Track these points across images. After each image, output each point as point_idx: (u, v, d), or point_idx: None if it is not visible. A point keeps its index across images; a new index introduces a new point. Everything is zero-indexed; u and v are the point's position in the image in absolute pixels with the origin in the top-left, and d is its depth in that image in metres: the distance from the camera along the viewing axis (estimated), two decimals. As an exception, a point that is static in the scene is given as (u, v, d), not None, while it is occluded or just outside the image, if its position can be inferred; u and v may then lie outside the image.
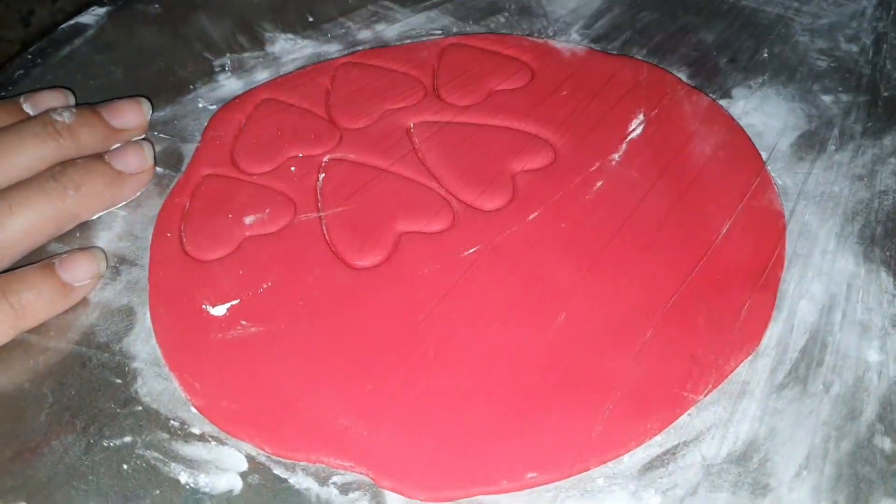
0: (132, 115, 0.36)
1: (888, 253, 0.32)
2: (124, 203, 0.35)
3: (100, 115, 0.35)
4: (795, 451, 0.26)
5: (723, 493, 0.25)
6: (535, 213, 0.33)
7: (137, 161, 0.34)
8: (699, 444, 0.27)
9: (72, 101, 0.37)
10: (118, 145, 0.35)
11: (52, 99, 0.36)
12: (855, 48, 0.41)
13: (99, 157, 0.34)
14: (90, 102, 0.36)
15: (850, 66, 0.40)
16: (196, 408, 0.28)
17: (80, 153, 0.34)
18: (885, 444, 0.26)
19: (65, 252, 0.32)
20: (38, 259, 0.32)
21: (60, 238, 0.33)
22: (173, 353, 0.29)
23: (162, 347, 0.29)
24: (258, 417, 0.27)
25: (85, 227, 0.34)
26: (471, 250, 0.32)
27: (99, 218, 0.34)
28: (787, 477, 0.26)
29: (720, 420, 0.27)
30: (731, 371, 0.28)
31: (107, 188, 0.33)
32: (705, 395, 0.28)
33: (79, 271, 0.31)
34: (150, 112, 0.37)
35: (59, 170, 0.32)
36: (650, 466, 0.26)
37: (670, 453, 0.26)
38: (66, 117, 0.33)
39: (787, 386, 0.28)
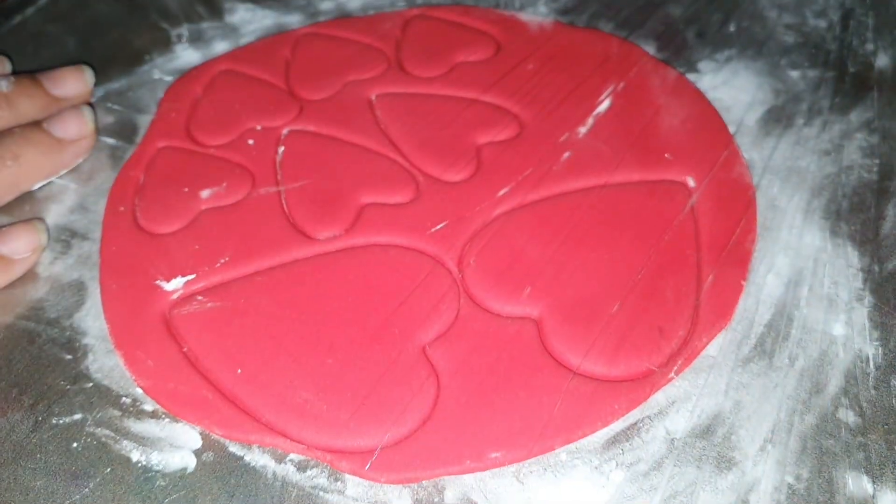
0: (73, 82, 0.35)
1: (854, 227, 0.32)
2: (68, 171, 0.34)
3: (39, 84, 0.34)
4: (760, 425, 0.26)
5: (687, 468, 0.25)
6: (504, 190, 0.32)
7: (77, 127, 0.33)
8: (664, 419, 0.26)
9: (9, 68, 0.36)
10: (57, 112, 0.34)
11: None
12: (823, 23, 0.41)
13: (37, 125, 0.33)
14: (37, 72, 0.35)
15: (817, 41, 0.40)
16: (142, 388, 0.27)
17: (19, 122, 0.33)
18: (849, 417, 0.26)
19: (7, 224, 0.31)
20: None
21: (7, 211, 0.32)
22: (121, 330, 0.28)
23: (109, 324, 0.28)
24: (208, 399, 0.26)
25: (35, 199, 0.33)
26: (438, 226, 0.31)
27: (49, 190, 0.33)
28: (752, 450, 0.25)
29: (685, 394, 0.27)
30: (704, 347, 0.28)
31: (46, 157, 0.32)
32: (676, 373, 0.27)
33: (19, 244, 0.30)
34: (93, 79, 0.36)
35: None
36: (614, 441, 0.26)
37: (634, 428, 0.26)
38: (3, 86, 0.32)
39: (752, 360, 0.28)
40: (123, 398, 0.27)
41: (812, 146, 0.35)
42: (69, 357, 0.28)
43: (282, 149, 0.34)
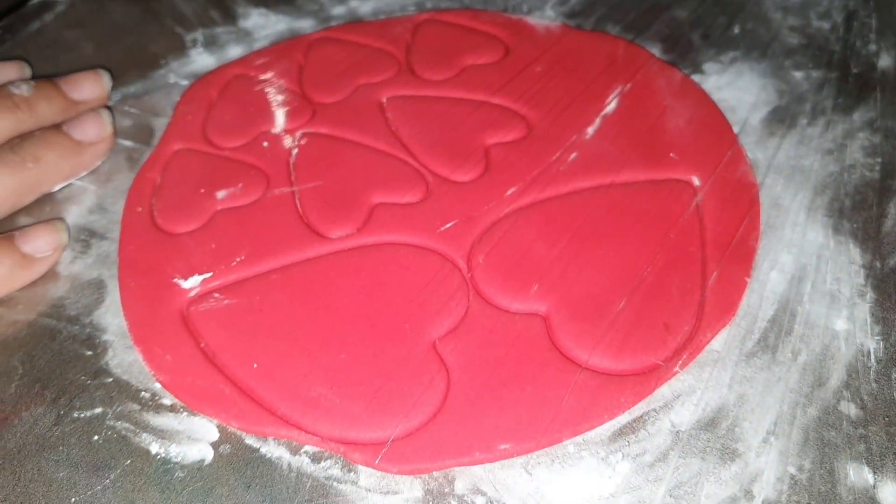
0: (91, 86, 0.36)
1: (856, 225, 0.32)
2: (87, 172, 0.35)
3: (58, 88, 0.35)
4: (764, 418, 0.26)
5: (692, 459, 0.25)
6: (512, 190, 0.33)
7: (95, 130, 0.34)
8: (669, 412, 0.27)
9: (28, 72, 0.37)
10: (76, 115, 0.35)
11: (9, 71, 0.36)
12: (826, 25, 0.42)
13: (57, 128, 0.34)
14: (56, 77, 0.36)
15: (821, 42, 0.41)
16: (160, 383, 0.28)
17: (39, 125, 0.34)
18: (851, 409, 0.27)
19: (29, 224, 0.32)
20: (2, 232, 0.31)
21: (29, 212, 0.33)
22: (140, 326, 0.29)
23: (128, 321, 0.29)
24: (225, 393, 0.27)
25: (55, 200, 0.34)
26: (448, 225, 0.32)
27: (69, 192, 0.34)
28: (755, 442, 0.26)
29: (690, 388, 0.27)
30: (708, 342, 0.28)
31: (66, 159, 0.33)
32: (681, 367, 0.28)
33: (40, 243, 0.31)
34: (110, 83, 0.37)
35: (18, 143, 0.32)
36: (620, 433, 0.26)
37: (640, 420, 0.27)
38: (24, 90, 0.33)
39: (756, 354, 0.28)
40: (143, 392, 0.28)
41: (815, 145, 0.35)
42: (90, 353, 0.29)
43: (295, 151, 0.35)
